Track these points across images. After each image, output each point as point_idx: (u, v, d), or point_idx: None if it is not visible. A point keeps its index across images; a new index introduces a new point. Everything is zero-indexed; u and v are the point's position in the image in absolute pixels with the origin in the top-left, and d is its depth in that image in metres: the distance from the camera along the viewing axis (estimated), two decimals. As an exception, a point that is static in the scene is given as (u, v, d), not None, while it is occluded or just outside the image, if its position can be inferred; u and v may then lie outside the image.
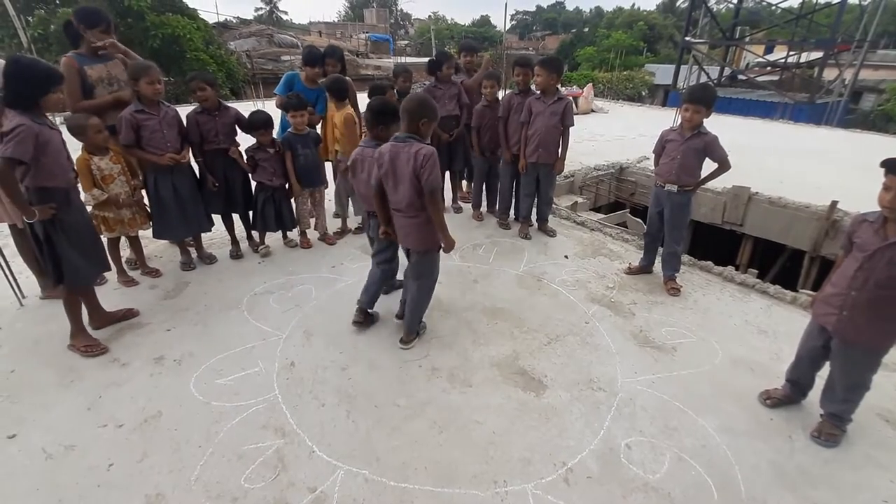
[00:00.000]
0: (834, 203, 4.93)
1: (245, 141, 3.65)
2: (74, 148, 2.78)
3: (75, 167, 2.92)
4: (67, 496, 1.91)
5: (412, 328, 2.85)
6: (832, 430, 2.21)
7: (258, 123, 3.59)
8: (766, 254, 6.18)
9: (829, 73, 16.49)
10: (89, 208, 3.03)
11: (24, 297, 3.18)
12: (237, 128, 3.59)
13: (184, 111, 3.45)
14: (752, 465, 2.10)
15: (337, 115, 3.85)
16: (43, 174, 2.41)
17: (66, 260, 2.56)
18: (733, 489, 1.99)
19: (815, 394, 2.34)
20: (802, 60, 17.94)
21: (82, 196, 2.88)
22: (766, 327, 3.10)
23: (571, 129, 4.04)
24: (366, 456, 2.10)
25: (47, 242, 2.52)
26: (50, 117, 2.54)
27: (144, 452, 2.11)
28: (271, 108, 4.02)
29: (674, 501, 1.93)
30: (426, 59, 5.45)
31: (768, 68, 19.29)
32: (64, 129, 2.78)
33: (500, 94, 4.38)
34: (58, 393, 2.44)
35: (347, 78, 4.05)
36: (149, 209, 3.42)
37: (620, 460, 2.11)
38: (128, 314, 3.04)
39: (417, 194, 2.48)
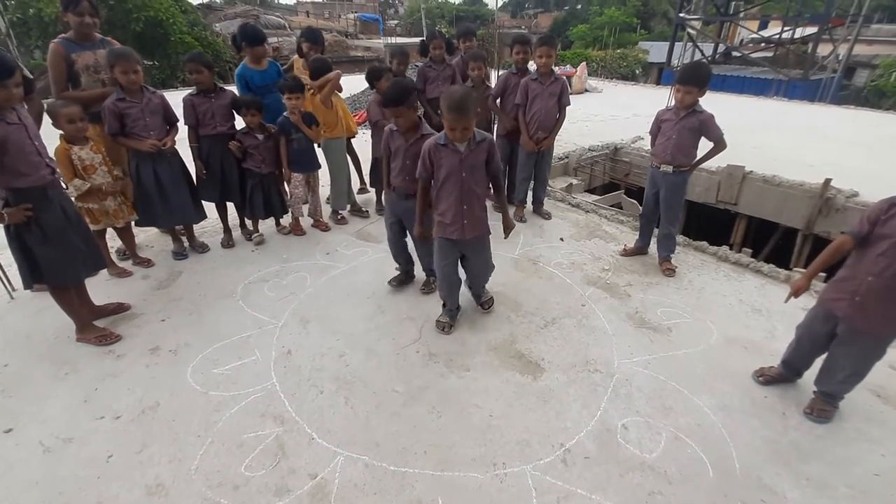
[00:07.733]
0: (827, 181, 4.93)
1: (241, 125, 3.59)
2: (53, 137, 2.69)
3: (55, 157, 2.82)
4: (67, 488, 1.91)
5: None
6: (825, 406, 2.24)
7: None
8: (760, 232, 6.20)
9: (823, 49, 16.34)
10: (73, 199, 2.92)
11: (14, 290, 3.14)
12: (234, 112, 3.52)
13: (169, 96, 3.35)
14: (746, 442, 2.13)
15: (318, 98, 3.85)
16: (7, 174, 2.23)
17: (44, 259, 2.44)
18: (728, 466, 2.02)
19: (808, 371, 2.37)
20: (797, 36, 17.77)
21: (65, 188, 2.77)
22: (759, 306, 3.12)
23: (567, 108, 4.00)
24: (365, 441, 2.11)
25: (17, 242, 2.40)
26: (20, 109, 2.32)
27: (143, 443, 2.10)
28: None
29: (670, 479, 1.96)
30: (417, 40, 5.35)
31: (762, 44, 19.10)
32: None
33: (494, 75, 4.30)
34: (53, 386, 2.43)
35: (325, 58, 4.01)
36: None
37: (617, 440, 2.14)
38: (118, 308, 2.98)
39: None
